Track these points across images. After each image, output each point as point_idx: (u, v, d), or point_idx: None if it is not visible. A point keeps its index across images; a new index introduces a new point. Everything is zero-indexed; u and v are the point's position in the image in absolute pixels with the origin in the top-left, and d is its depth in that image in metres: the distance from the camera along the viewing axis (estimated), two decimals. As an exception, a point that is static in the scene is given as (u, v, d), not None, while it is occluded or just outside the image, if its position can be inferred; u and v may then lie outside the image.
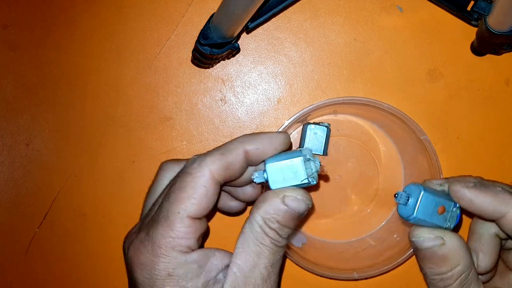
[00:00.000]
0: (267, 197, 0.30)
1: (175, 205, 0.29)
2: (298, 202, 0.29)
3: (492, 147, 0.48)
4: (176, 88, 0.49)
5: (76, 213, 0.49)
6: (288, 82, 0.48)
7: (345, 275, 0.44)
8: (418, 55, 0.47)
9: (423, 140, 0.43)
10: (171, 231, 0.28)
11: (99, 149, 0.49)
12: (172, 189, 0.29)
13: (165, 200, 0.29)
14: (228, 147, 0.31)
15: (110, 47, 0.49)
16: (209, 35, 0.41)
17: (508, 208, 0.29)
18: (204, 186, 0.29)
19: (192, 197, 0.29)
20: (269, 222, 0.29)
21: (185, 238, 0.28)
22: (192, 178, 0.29)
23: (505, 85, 0.47)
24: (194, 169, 0.29)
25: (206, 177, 0.29)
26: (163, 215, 0.29)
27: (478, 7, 0.42)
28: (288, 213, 0.29)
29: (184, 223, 0.28)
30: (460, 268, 0.30)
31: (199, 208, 0.29)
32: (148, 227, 0.29)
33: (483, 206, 0.30)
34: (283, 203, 0.29)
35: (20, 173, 0.50)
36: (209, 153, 0.30)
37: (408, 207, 0.30)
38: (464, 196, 0.30)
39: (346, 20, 0.48)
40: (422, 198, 0.30)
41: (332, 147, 0.47)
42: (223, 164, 0.30)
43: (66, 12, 0.49)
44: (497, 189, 0.30)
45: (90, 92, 0.49)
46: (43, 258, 0.49)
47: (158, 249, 0.28)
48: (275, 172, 0.30)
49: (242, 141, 0.31)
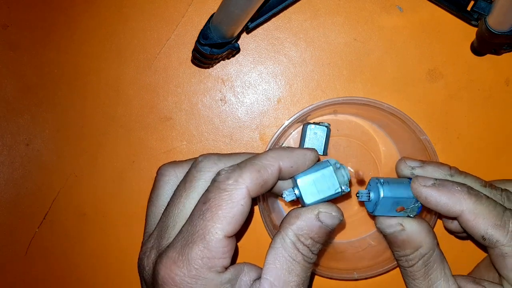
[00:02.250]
0: (301, 213, 0.29)
1: (212, 223, 0.28)
2: (332, 218, 0.29)
3: (492, 147, 0.48)
4: (176, 88, 0.49)
5: (76, 213, 0.49)
6: (288, 82, 0.48)
7: (345, 275, 0.44)
8: (418, 55, 0.47)
9: (423, 140, 0.43)
10: (209, 251, 0.27)
11: (99, 149, 0.49)
12: (208, 206, 0.28)
13: (199, 217, 0.28)
14: (263, 163, 0.29)
15: (110, 47, 0.49)
16: (209, 35, 0.41)
17: (462, 207, 0.30)
18: (241, 205, 0.28)
19: (229, 215, 0.28)
20: (302, 239, 0.29)
21: (222, 258, 0.28)
22: (229, 196, 0.28)
23: (505, 85, 0.47)
24: (231, 185, 0.28)
25: (243, 194, 0.28)
26: (199, 235, 0.28)
27: (478, 7, 0.42)
28: (322, 229, 0.29)
29: (222, 243, 0.28)
30: (422, 250, 0.31)
31: (236, 227, 0.28)
32: (182, 245, 0.28)
33: (438, 205, 0.31)
34: (318, 219, 0.29)
35: (20, 173, 0.50)
36: (243, 167, 0.29)
37: (370, 203, 0.32)
38: (420, 194, 0.31)
39: (346, 20, 0.48)
40: (381, 201, 0.31)
41: (332, 147, 0.47)
42: (259, 182, 0.29)
43: (66, 12, 0.49)
44: (454, 189, 0.31)
45: (90, 92, 0.49)
46: (43, 258, 0.49)
47: (195, 270, 0.27)
48: (307, 186, 0.30)
49: (277, 157, 0.30)
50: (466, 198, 0.30)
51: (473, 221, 0.30)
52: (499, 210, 0.30)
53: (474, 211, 0.30)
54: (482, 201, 0.30)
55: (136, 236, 0.49)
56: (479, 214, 0.30)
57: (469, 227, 0.31)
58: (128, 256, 0.49)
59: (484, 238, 0.30)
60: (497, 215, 0.30)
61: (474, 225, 0.30)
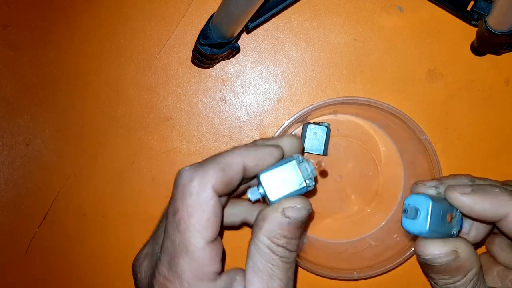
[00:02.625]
0: (266, 215, 0.28)
1: (189, 234, 0.27)
2: (299, 210, 0.28)
3: (492, 147, 0.48)
4: (176, 88, 0.49)
5: (76, 213, 0.49)
6: (288, 82, 0.48)
7: (345, 275, 0.44)
8: (418, 55, 0.47)
9: (423, 140, 0.43)
10: (195, 262, 0.27)
11: (99, 149, 0.49)
12: (179, 217, 0.27)
13: (174, 230, 0.27)
14: (227, 161, 0.28)
15: (110, 47, 0.49)
16: (209, 35, 0.41)
17: (508, 209, 0.28)
18: (211, 206, 0.27)
19: (204, 220, 0.27)
20: (276, 240, 0.28)
21: (210, 265, 0.27)
22: (196, 199, 0.27)
23: (505, 85, 0.47)
24: (195, 187, 0.27)
25: (210, 194, 0.27)
26: (180, 248, 0.27)
27: (478, 7, 0.42)
28: (292, 225, 0.28)
29: (206, 250, 0.27)
30: (473, 272, 0.29)
31: (213, 230, 0.27)
32: (168, 260, 0.27)
33: (483, 211, 0.29)
34: (285, 216, 0.28)
35: (20, 173, 0.50)
36: (206, 166, 0.28)
37: (418, 222, 0.28)
38: (463, 203, 0.29)
39: (346, 20, 0.48)
40: (432, 210, 0.28)
41: (332, 147, 0.47)
42: (224, 181, 0.28)
43: (66, 12, 0.49)
44: (495, 191, 0.29)
45: (90, 92, 0.49)
46: (43, 258, 0.49)
47: (187, 284, 0.27)
48: (271, 183, 0.29)
49: (241, 154, 0.29)
50: (510, 198, 0.29)
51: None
52: None
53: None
54: None
55: (136, 236, 0.49)
56: None
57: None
58: (128, 256, 0.49)
59: None
60: None
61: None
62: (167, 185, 0.48)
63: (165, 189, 0.48)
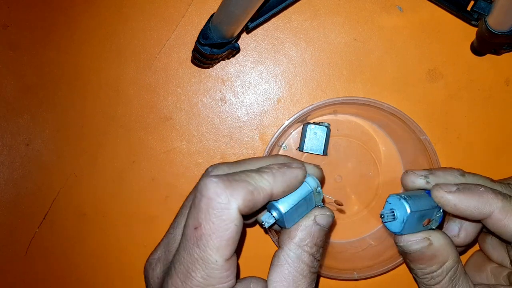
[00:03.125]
0: (299, 225, 0.29)
1: (209, 253, 0.26)
2: (328, 217, 0.30)
3: (492, 147, 0.48)
4: (176, 88, 0.49)
5: (76, 213, 0.49)
6: (288, 82, 0.48)
7: (345, 275, 0.44)
8: (418, 55, 0.47)
9: (423, 140, 0.43)
10: (212, 279, 0.27)
11: (99, 149, 0.49)
12: (200, 232, 0.26)
13: (194, 244, 0.27)
14: (257, 185, 0.28)
15: (110, 47, 0.49)
16: (209, 35, 0.41)
17: (492, 208, 0.29)
18: (235, 225, 0.26)
19: (224, 240, 0.26)
20: (307, 248, 0.29)
21: (226, 281, 0.27)
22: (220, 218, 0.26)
23: (505, 85, 0.47)
24: (222, 204, 0.26)
25: (235, 215, 0.26)
26: (198, 263, 0.26)
27: (478, 7, 0.42)
28: (322, 232, 0.29)
29: (223, 268, 0.27)
30: (449, 263, 0.30)
31: (233, 248, 0.27)
32: (182, 272, 0.27)
33: (468, 210, 0.30)
34: (316, 223, 0.29)
35: (20, 173, 0.50)
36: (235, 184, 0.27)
37: (395, 223, 0.30)
38: (448, 202, 0.30)
39: (346, 20, 0.48)
40: (409, 217, 0.30)
41: (332, 147, 0.47)
42: (250, 204, 0.27)
43: (66, 12, 0.49)
44: (480, 190, 0.30)
45: (90, 92, 0.49)
46: (43, 258, 0.49)
47: None
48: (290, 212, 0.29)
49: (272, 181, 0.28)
50: (494, 197, 0.29)
51: (504, 220, 0.29)
52: None
53: (504, 209, 0.29)
54: (508, 198, 0.30)
55: (136, 236, 0.49)
56: (509, 212, 0.29)
57: (500, 227, 0.30)
58: (128, 256, 0.49)
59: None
60: None
61: (506, 223, 0.29)
62: (167, 185, 0.48)
63: (165, 189, 0.48)
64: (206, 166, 0.48)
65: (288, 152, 0.48)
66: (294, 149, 0.47)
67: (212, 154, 0.48)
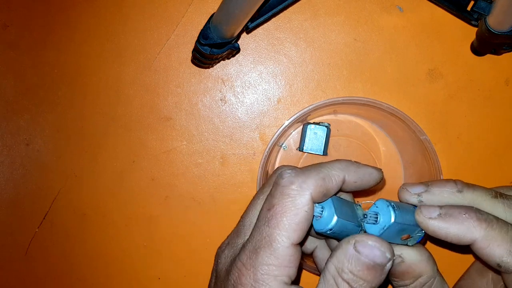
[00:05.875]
0: (341, 244, 0.28)
1: (277, 231, 0.27)
2: (370, 248, 0.27)
3: (492, 147, 0.48)
4: (176, 88, 0.49)
5: (76, 213, 0.49)
6: (288, 82, 0.48)
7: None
8: (418, 55, 0.47)
9: (423, 140, 0.43)
10: (275, 259, 0.27)
11: (99, 149, 0.49)
12: (272, 213, 0.28)
13: (265, 224, 0.28)
14: (330, 173, 0.29)
15: (110, 47, 0.49)
16: (209, 35, 0.41)
17: (474, 236, 0.29)
18: (305, 211, 0.27)
19: (293, 223, 0.27)
20: (341, 272, 0.27)
21: (288, 266, 0.27)
22: (292, 202, 0.27)
23: (505, 85, 0.47)
24: (295, 190, 0.28)
25: (307, 201, 0.27)
26: (265, 241, 0.27)
27: (478, 7, 0.42)
28: (361, 262, 0.27)
29: (288, 251, 0.27)
30: (423, 279, 0.30)
31: (301, 234, 0.28)
32: (250, 250, 0.28)
33: (448, 237, 0.29)
34: (355, 249, 0.27)
35: (20, 173, 0.50)
36: (307, 173, 0.28)
37: (375, 227, 0.30)
38: (427, 228, 0.30)
39: (346, 20, 0.48)
40: (390, 226, 0.29)
41: (332, 147, 0.47)
42: (322, 191, 0.28)
43: (66, 12, 0.49)
44: (462, 217, 0.29)
45: (90, 92, 0.49)
46: (43, 258, 0.49)
47: (260, 275, 0.27)
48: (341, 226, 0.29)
49: (344, 169, 0.29)
50: (477, 225, 0.29)
51: (486, 249, 0.28)
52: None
53: (487, 238, 0.28)
54: (494, 226, 0.29)
55: (136, 236, 0.49)
56: (492, 240, 0.28)
57: (483, 255, 0.29)
58: (128, 256, 0.49)
59: (500, 266, 0.29)
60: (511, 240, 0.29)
61: (488, 252, 0.29)
62: (167, 185, 0.48)
63: (165, 189, 0.48)
64: (206, 166, 0.48)
65: (288, 152, 0.48)
66: (294, 149, 0.47)
67: (212, 154, 0.48)
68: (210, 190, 0.48)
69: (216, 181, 0.48)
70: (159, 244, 0.49)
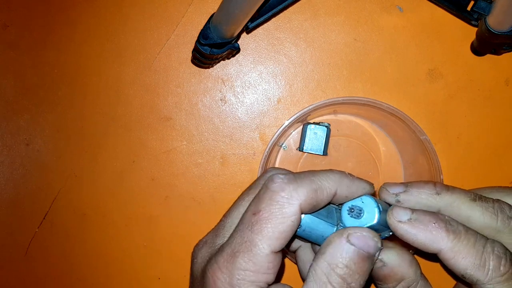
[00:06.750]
0: (331, 239, 0.28)
1: (260, 237, 0.27)
2: (364, 238, 0.27)
3: (492, 147, 0.48)
4: (176, 88, 0.49)
5: (76, 213, 0.49)
6: (288, 82, 0.48)
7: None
8: (418, 55, 0.47)
9: (423, 140, 0.43)
10: (253, 265, 0.26)
11: (99, 149, 0.49)
12: (258, 218, 0.27)
13: (247, 228, 0.27)
14: (322, 184, 0.28)
15: (110, 47, 0.49)
16: (209, 35, 0.41)
17: (441, 246, 0.29)
18: (292, 221, 0.27)
19: (277, 231, 0.26)
20: (336, 268, 0.27)
21: (265, 273, 0.27)
22: (280, 209, 0.27)
23: (505, 85, 0.47)
24: (284, 198, 0.27)
25: (296, 210, 0.27)
26: (245, 246, 0.27)
27: (478, 7, 0.42)
28: (356, 253, 0.27)
29: (267, 259, 0.27)
30: (405, 283, 0.30)
31: (283, 243, 0.27)
32: (229, 253, 0.27)
33: (415, 243, 0.29)
34: (349, 242, 0.27)
35: (20, 173, 0.50)
36: (300, 182, 0.28)
37: (355, 222, 0.30)
38: (396, 230, 0.30)
39: (346, 20, 0.48)
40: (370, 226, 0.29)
41: (332, 147, 0.47)
42: (312, 202, 0.27)
43: (66, 12, 0.49)
44: (432, 225, 0.29)
45: (90, 92, 0.49)
46: (43, 258, 0.49)
47: (236, 280, 0.27)
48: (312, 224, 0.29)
49: (337, 181, 0.29)
50: (444, 236, 0.29)
51: (452, 260, 0.29)
52: (479, 248, 0.29)
53: (453, 250, 0.29)
54: (461, 238, 0.29)
55: (136, 236, 0.49)
56: (458, 252, 0.29)
57: (449, 265, 0.29)
58: (128, 256, 0.49)
59: (464, 277, 0.29)
60: (477, 253, 0.28)
61: (453, 263, 0.29)
62: (167, 185, 0.48)
63: (165, 189, 0.48)
64: (206, 166, 0.48)
65: (288, 152, 0.48)
66: (294, 149, 0.47)
67: (212, 154, 0.48)
68: (210, 190, 0.48)
69: (216, 181, 0.48)
70: (159, 244, 0.49)
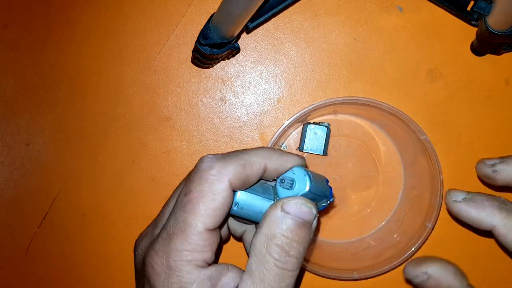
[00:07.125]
0: (267, 212, 0.28)
1: (192, 217, 0.27)
2: (298, 206, 0.28)
3: (492, 147, 0.48)
4: (176, 88, 0.49)
5: (76, 213, 0.49)
6: (288, 82, 0.48)
7: (345, 275, 0.43)
8: (418, 55, 0.47)
9: (423, 140, 0.43)
10: (188, 244, 0.27)
11: (99, 149, 0.49)
12: (189, 198, 0.27)
13: (181, 209, 0.28)
14: (250, 159, 0.29)
15: (110, 47, 0.49)
16: (209, 35, 0.41)
17: (493, 222, 0.31)
18: (223, 197, 0.27)
19: (209, 208, 0.27)
20: (273, 239, 0.27)
21: (202, 251, 0.27)
22: (210, 186, 0.27)
23: (505, 85, 0.47)
24: (213, 176, 0.27)
25: (225, 186, 0.27)
26: (179, 227, 0.27)
27: (478, 7, 0.42)
28: (291, 221, 0.27)
29: (202, 237, 0.27)
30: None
31: (217, 220, 0.27)
32: (164, 237, 0.28)
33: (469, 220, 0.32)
34: (284, 211, 0.27)
35: (20, 173, 0.50)
36: (228, 159, 0.28)
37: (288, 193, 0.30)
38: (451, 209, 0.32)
39: (346, 20, 0.48)
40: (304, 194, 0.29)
41: (332, 147, 0.47)
42: (242, 177, 0.28)
43: (66, 12, 0.49)
44: (485, 204, 0.32)
45: (90, 92, 0.49)
46: (43, 258, 0.49)
47: (173, 262, 0.27)
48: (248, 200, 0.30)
49: (266, 156, 0.29)
50: (497, 213, 0.31)
51: (504, 236, 0.31)
52: None
53: (506, 226, 0.31)
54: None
55: (136, 236, 0.49)
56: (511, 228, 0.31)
57: (501, 241, 0.31)
58: (128, 256, 0.49)
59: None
60: None
61: (505, 240, 0.31)
62: (167, 185, 0.48)
63: (165, 189, 0.48)
64: (206, 166, 0.48)
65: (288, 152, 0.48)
66: (294, 149, 0.47)
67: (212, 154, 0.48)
68: (210, 190, 0.48)
69: (216, 181, 0.48)
70: (159, 244, 0.49)
